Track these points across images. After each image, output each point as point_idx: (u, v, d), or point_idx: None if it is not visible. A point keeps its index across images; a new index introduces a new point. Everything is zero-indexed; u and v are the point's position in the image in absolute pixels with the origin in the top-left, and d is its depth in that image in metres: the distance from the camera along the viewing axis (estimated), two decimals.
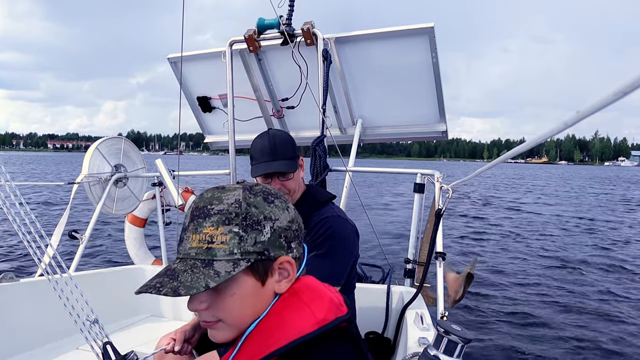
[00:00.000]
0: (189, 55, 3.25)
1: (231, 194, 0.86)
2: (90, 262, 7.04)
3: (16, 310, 2.14)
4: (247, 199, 0.85)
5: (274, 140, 1.81)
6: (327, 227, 1.69)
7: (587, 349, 4.36)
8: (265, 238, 0.84)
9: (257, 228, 0.84)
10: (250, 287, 0.85)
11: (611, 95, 0.50)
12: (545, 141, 0.87)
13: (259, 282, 0.85)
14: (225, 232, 0.82)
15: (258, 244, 0.83)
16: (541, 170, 79.87)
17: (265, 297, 0.87)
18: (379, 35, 2.88)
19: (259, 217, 0.84)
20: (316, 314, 0.84)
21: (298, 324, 0.83)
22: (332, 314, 0.86)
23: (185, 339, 1.59)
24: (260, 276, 0.85)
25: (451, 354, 0.93)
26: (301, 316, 0.84)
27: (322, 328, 0.83)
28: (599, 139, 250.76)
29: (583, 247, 9.36)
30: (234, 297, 0.84)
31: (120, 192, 3.37)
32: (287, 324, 0.83)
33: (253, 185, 0.90)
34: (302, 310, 0.85)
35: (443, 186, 2.26)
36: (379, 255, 3.06)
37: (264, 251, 0.84)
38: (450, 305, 2.03)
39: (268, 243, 0.84)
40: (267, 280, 0.86)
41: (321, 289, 0.91)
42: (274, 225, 0.85)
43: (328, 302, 0.88)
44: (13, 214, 1.06)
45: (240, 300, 0.85)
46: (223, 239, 0.82)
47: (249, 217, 0.84)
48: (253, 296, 0.85)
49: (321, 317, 0.84)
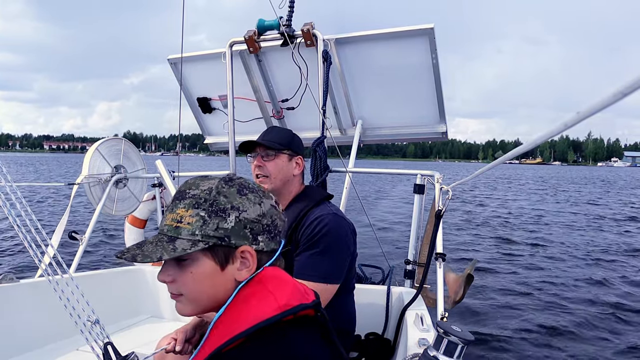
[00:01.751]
0: (189, 56, 3.25)
1: (208, 182, 0.94)
2: (90, 263, 7.04)
3: (16, 311, 2.14)
4: (219, 188, 0.93)
5: (274, 127, 1.99)
6: (323, 224, 1.70)
7: (588, 349, 4.36)
8: (228, 226, 0.90)
9: (221, 215, 0.90)
10: (209, 269, 0.91)
11: (611, 97, 0.50)
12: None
13: (217, 266, 0.91)
14: (193, 215, 0.90)
15: (220, 229, 0.90)
16: (531, 170, 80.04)
17: (224, 282, 0.92)
18: (379, 36, 2.88)
19: (226, 206, 0.91)
20: (278, 299, 0.88)
21: (260, 309, 0.86)
22: (295, 300, 0.89)
23: (186, 339, 1.59)
24: (220, 261, 0.91)
25: (451, 355, 0.93)
26: (264, 302, 0.88)
27: (284, 313, 0.86)
28: (592, 140, 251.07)
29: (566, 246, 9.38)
30: (192, 275, 0.92)
31: (120, 193, 3.37)
32: (250, 310, 0.87)
33: (234, 178, 0.97)
34: (265, 296, 0.89)
35: (443, 187, 2.26)
36: (379, 256, 3.06)
37: (224, 237, 0.90)
38: (450, 306, 2.03)
39: (231, 231, 0.90)
40: (227, 267, 0.92)
41: (286, 278, 0.96)
42: (240, 215, 0.91)
43: (292, 288, 0.92)
44: (13, 214, 1.06)
45: (198, 279, 0.92)
46: (189, 220, 0.90)
47: (216, 204, 0.91)
48: (210, 278, 0.92)
49: (283, 303, 0.87)
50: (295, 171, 1.87)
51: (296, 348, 0.87)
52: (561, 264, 7.86)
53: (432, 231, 2.08)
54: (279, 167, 1.82)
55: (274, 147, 1.83)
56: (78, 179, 3.08)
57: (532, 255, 8.48)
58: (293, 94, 3.04)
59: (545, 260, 8.13)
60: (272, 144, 1.84)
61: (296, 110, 3.16)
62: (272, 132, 1.92)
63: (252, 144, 1.86)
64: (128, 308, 2.66)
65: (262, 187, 1.01)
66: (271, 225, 0.95)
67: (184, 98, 3.50)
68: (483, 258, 8.08)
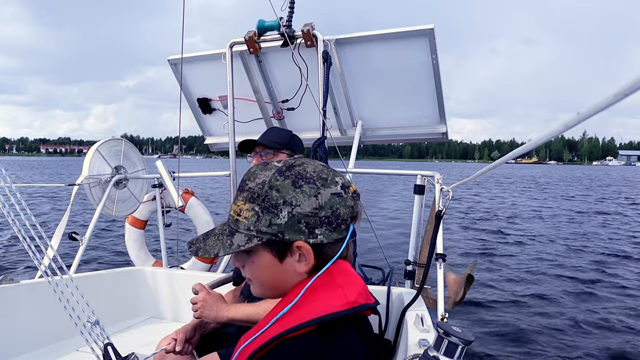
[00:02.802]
0: (189, 57, 3.25)
1: (264, 173, 0.93)
2: (90, 264, 7.04)
3: (16, 312, 2.14)
4: (272, 182, 0.91)
5: (274, 128, 2.05)
6: None
7: (589, 349, 4.35)
8: (281, 221, 0.89)
9: (273, 211, 0.89)
10: (268, 261, 0.93)
11: (612, 97, 0.50)
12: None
13: (276, 259, 0.93)
14: (249, 209, 0.91)
15: (273, 225, 0.89)
16: (524, 170, 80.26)
17: (285, 272, 0.94)
18: (379, 37, 2.88)
19: (278, 201, 0.89)
20: (348, 295, 0.89)
21: (329, 301, 0.88)
22: (363, 299, 0.91)
23: (186, 339, 1.59)
24: (277, 254, 0.92)
25: (452, 356, 0.92)
26: (333, 295, 0.89)
27: (352, 309, 0.88)
28: (588, 139, 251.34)
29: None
30: (254, 265, 0.95)
31: (120, 193, 3.37)
32: (318, 301, 0.89)
33: (291, 166, 0.94)
34: (334, 290, 0.90)
35: (443, 188, 2.26)
36: (379, 256, 3.06)
37: (277, 233, 0.89)
38: (450, 306, 2.03)
39: (284, 226, 0.89)
40: (286, 259, 0.93)
41: (355, 275, 0.98)
42: (293, 210, 0.89)
43: (361, 287, 0.94)
44: (13, 216, 1.06)
45: (259, 268, 0.95)
46: (246, 215, 0.92)
47: (268, 199, 0.90)
48: (270, 268, 0.94)
49: (352, 299, 0.89)
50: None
51: (351, 348, 0.89)
52: (561, 263, 7.86)
53: (433, 232, 2.08)
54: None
55: (272, 146, 1.85)
56: (78, 180, 3.08)
57: (532, 255, 8.48)
58: (293, 95, 3.04)
59: (545, 259, 8.13)
60: (271, 143, 1.86)
61: (296, 111, 3.16)
62: (272, 132, 1.96)
63: (252, 143, 1.87)
64: (128, 309, 2.66)
65: (324, 172, 0.95)
66: (332, 216, 0.91)
67: (184, 99, 3.50)
68: (483, 258, 8.08)
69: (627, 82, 0.47)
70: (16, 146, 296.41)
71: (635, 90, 0.47)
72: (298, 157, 0.99)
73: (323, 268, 0.92)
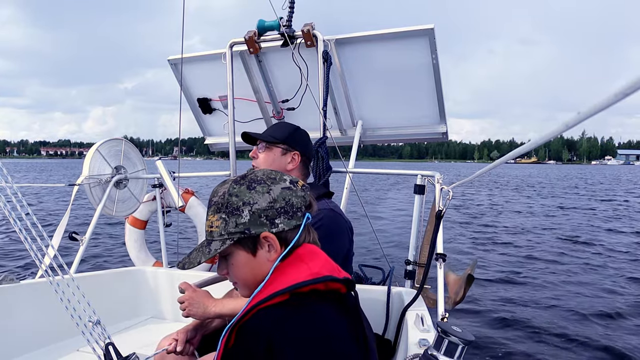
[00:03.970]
0: (189, 57, 3.25)
1: (223, 187, 1.10)
2: (90, 264, 7.04)
3: (17, 311, 2.14)
4: (231, 190, 1.08)
5: (280, 122, 2.08)
6: (318, 219, 1.71)
7: (588, 349, 4.35)
8: (245, 220, 1.05)
9: (237, 213, 1.05)
10: (243, 258, 1.08)
11: (612, 97, 0.50)
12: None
13: (250, 254, 1.07)
14: (218, 218, 1.07)
15: (239, 225, 1.05)
16: (525, 169, 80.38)
17: (260, 265, 1.07)
18: (379, 36, 2.88)
19: (239, 204, 1.05)
20: (312, 268, 1.02)
21: (295, 275, 1.00)
22: (326, 271, 1.03)
23: (187, 339, 1.59)
24: (250, 249, 1.07)
25: (451, 356, 0.93)
26: (299, 270, 1.02)
27: (315, 279, 0.99)
28: (587, 139, 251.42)
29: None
30: (234, 266, 1.10)
31: (120, 193, 3.37)
32: (286, 275, 1.02)
33: (244, 176, 1.11)
34: (299, 266, 1.03)
35: (443, 187, 2.26)
36: (380, 256, 3.06)
37: (244, 230, 1.05)
38: (450, 306, 2.03)
39: (249, 223, 1.05)
40: (258, 252, 1.07)
41: (320, 253, 1.10)
42: (252, 208, 1.05)
43: (324, 261, 1.08)
44: (14, 215, 1.06)
45: (239, 267, 1.10)
46: (217, 224, 1.07)
47: (230, 205, 1.06)
48: (248, 264, 1.08)
49: (315, 271, 1.01)
50: (289, 166, 1.88)
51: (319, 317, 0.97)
52: (560, 262, 7.86)
53: (433, 231, 2.08)
54: (269, 159, 1.86)
55: (267, 139, 1.85)
56: (78, 180, 3.08)
57: (532, 254, 8.48)
58: (293, 95, 3.04)
59: (545, 259, 8.13)
60: (267, 137, 1.87)
61: (296, 111, 3.16)
62: (274, 127, 1.99)
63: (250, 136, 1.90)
64: (129, 309, 2.66)
65: (272, 173, 1.11)
66: (286, 205, 1.06)
67: (184, 99, 3.50)
68: (483, 258, 8.08)
69: (628, 82, 0.47)
70: (17, 149, 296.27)
71: (636, 90, 0.47)
72: (250, 170, 1.16)
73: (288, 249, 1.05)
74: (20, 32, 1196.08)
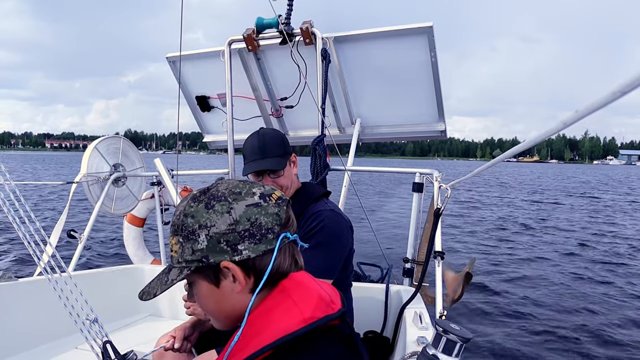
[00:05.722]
0: (188, 55, 3.24)
1: (181, 205, 0.92)
2: (88, 262, 7.03)
3: (15, 309, 2.13)
4: (187, 209, 0.90)
5: (264, 139, 1.85)
6: (319, 220, 1.71)
7: (587, 347, 4.37)
8: (202, 246, 0.87)
9: (193, 238, 0.88)
10: (206, 289, 0.92)
11: (610, 95, 0.50)
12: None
13: (212, 285, 0.90)
14: (176, 242, 0.91)
15: (196, 252, 0.88)
16: (522, 168, 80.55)
17: (226, 297, 0.90)
18: (378, 34, 2.88)
19: (194, 227, 0.88)
20: (304, 312, 0.84)
21: (285, 321, 0.83)
22: (320, 312, 0.86)
23: (184, 336, 1.59)
24: (211, 279, 0.90)
25: (450, 353, 0.93)
26: (288, 314, 0.85)
27: (309, 326, 0.83)
28: (589, 138, 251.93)
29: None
30: (198, 297, 0.94)
31: (119, 191, 3.36)
32: (273, 322, 0.84)
33: (206, 190, 0.92)
34: (289, 308, 0.86)
35: (442, 185, 2.26)
36: (378, 254, 3.06)
37: (202, 259, 0.87)
38: (449, 304, 2.03)
39: (207, 250, 0.87)
40: (221, 283, 0.90)
41: (311, 285, 0.91)
42: (209, 232, 0.87)
43: (316, 299, 0.88)
44: (12, 213, 1.06)
45: (202, 299, 0.94)
46: (175, 248, 0.91)
47: (185, 227, 0.89)
48: (211, 297, 0.92)
49: (308, 316, 0.84)
50: (295, 170, 1.90)
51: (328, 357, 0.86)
52: (561, 262, 7.87)
53: (431, 229, 2.08)
54: (289, 178, 1.85)
55: (281, 167, 1.81)
56: (77, 178, 3.07)
57: (531, 254, 8.50)
58: (292, 93, 3.04)
59: (545, 259, 8.15)
60: (278, 164, 1.80)
61: (295, 109, 3.16)
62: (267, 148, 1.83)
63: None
64: (127, 306, 2.66)
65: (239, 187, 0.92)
66: (251, 228, 0.87)
67: (183, 96, 3.49)
68: (482, 256, 8.09)
69: (626, 80, 0.47)
70: (22, 141, 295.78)
71: (634, 88, 0.47)
72: (216, 182, 0.95)
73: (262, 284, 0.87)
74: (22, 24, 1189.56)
